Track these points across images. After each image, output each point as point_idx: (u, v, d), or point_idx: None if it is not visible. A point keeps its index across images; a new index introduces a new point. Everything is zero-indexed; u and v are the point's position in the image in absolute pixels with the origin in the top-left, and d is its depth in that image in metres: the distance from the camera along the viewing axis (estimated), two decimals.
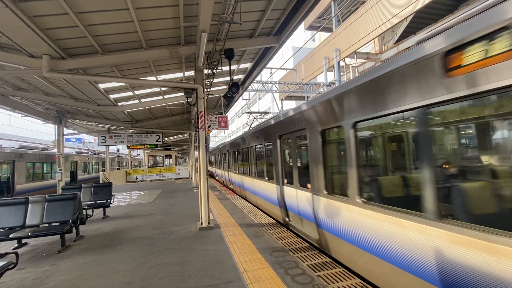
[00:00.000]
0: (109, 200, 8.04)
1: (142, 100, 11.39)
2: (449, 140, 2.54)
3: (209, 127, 9.39)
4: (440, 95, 2.24)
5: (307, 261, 3.95)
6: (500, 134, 2.03)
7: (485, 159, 2.19)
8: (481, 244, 1.94)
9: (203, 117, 6.32)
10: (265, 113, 15.63)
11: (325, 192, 4.18)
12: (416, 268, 2.49)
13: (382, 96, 2.93)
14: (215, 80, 8.75)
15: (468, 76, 2.01)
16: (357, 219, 3.37)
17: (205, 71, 7.18)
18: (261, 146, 7.75)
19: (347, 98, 3.57)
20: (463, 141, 2.48)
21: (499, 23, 1.81)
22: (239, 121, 50.34)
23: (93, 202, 7.93)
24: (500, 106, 1.94)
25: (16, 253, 3.53)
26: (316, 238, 4.63)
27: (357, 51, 14.21)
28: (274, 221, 6.53)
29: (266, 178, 7.34)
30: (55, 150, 14.63)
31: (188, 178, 23.96)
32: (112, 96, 10.28)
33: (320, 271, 3.60)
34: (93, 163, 26.70)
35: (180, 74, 9.28)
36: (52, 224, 5.39)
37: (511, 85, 1.76)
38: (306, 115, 4.76)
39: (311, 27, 21.06)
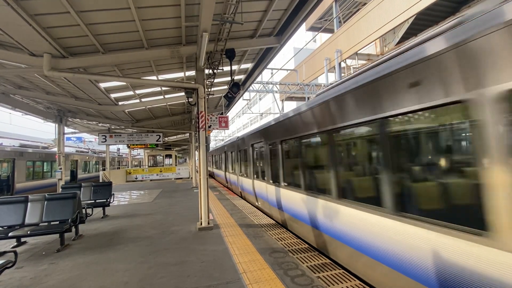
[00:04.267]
0: (109, 200, 8.03)
1: (143, 100, 11.38)
2: None
3: (209, 127, 9.39)
4: None
5: (307, 262, 3.94)
6: None
7: None
8: None
9: (204, 117, 6.31)
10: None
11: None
12: None
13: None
14: (216, 80, 8.74)
15: None
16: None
17: (206, 71, 7.18)
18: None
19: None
20: None
21: None
22: (239, 121, 50.38)
23: (93, 201, 7.91)
24: None
25: (15, 252, 3.52)
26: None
27: (358, 52, 14.21)
28: (274, 221, 6.51)
29: None
30: (55, 149, 14.64)
31: (188, 178, 23.95)
32: (112, 96, 10.27)
33: (319, 273, 3.58)
34: (93, 162, 26.71)
35: (181, 74, 9.28)
36: (52, 223, 5.38)
37: None
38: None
39: (312, 28, 21.10)
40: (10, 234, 4.79)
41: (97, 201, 7.95)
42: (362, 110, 3.30)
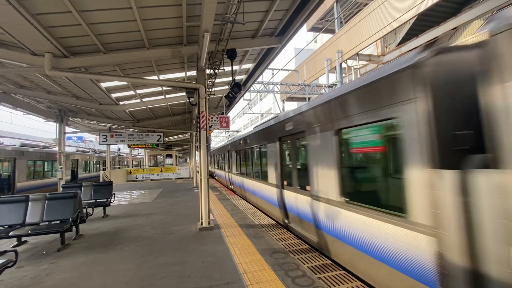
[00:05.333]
0: (109, 199, 8.02)
1: (144, 100, 11.38)
2: None
3: (210, 127, 9.37)
4: None
5: (308, 263, 3.93)
6: None
7: None
8: None
9: (205, 117, 6.30)
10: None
11: None
12: None
13: None
14: (217, 80, 8.74)
15: None
16: None
17: (207, 71, 7.17)
18: None
19: None
20: None
21: None
22: (239, 121, 50.33)
23: (94, 201, 7.91)
24: None
25: (16, 251, 3.52)
26: None
27: (359, 53, 14.19)
28: (275, 222, 6.50)
29: None
30: (56, 149, 14.64)
31: (189, 178, 23.95)
32: (114, 95, 10.28)
33: (320, 274, 3.57)
34: (94, 161, 26.73)
35: (182, 74, 9.28)
36: (52, 223, 5.38)
37: None
38: None
39: (313, 29, 21.07)
40: (10, 234, 4.79)
41: (97, 200, 7.94)
42: None
